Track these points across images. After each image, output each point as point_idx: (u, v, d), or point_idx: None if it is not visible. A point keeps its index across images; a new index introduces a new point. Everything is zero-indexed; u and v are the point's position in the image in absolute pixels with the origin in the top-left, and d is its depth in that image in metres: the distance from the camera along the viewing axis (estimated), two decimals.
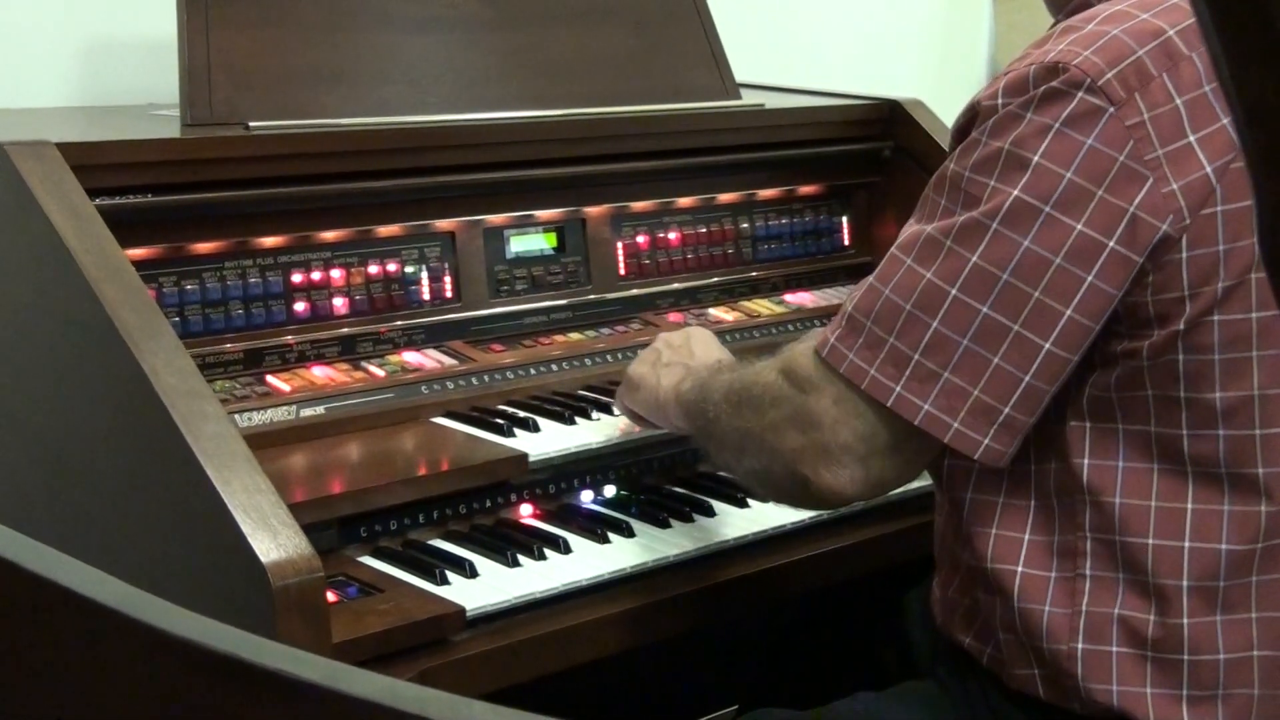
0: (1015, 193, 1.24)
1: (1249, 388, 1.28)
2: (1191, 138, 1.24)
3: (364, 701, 0.40)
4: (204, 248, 1.68)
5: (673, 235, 2.10)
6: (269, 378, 1.68)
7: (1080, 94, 1.23)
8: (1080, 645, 1.34)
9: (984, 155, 1.27)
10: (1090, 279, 1.23)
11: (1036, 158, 1.24)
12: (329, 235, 1.77)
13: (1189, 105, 1.25)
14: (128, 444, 1.42)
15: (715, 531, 1.64)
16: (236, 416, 1.55)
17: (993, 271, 1.24)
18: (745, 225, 2.17)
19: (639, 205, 2.06)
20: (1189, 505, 1.31)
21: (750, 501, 1.72)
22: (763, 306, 2.13)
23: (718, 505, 1.70)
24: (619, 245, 2.04)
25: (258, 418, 1.61)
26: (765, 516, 1.69)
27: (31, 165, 1.47)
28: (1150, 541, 1.31)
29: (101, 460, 1.46)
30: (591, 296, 2.00)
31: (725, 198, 2.15)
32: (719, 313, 2.09)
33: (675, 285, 2.08)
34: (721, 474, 1.81)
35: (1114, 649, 1.33)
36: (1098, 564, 1.34)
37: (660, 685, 2.01)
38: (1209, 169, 1.24)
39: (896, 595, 1.70)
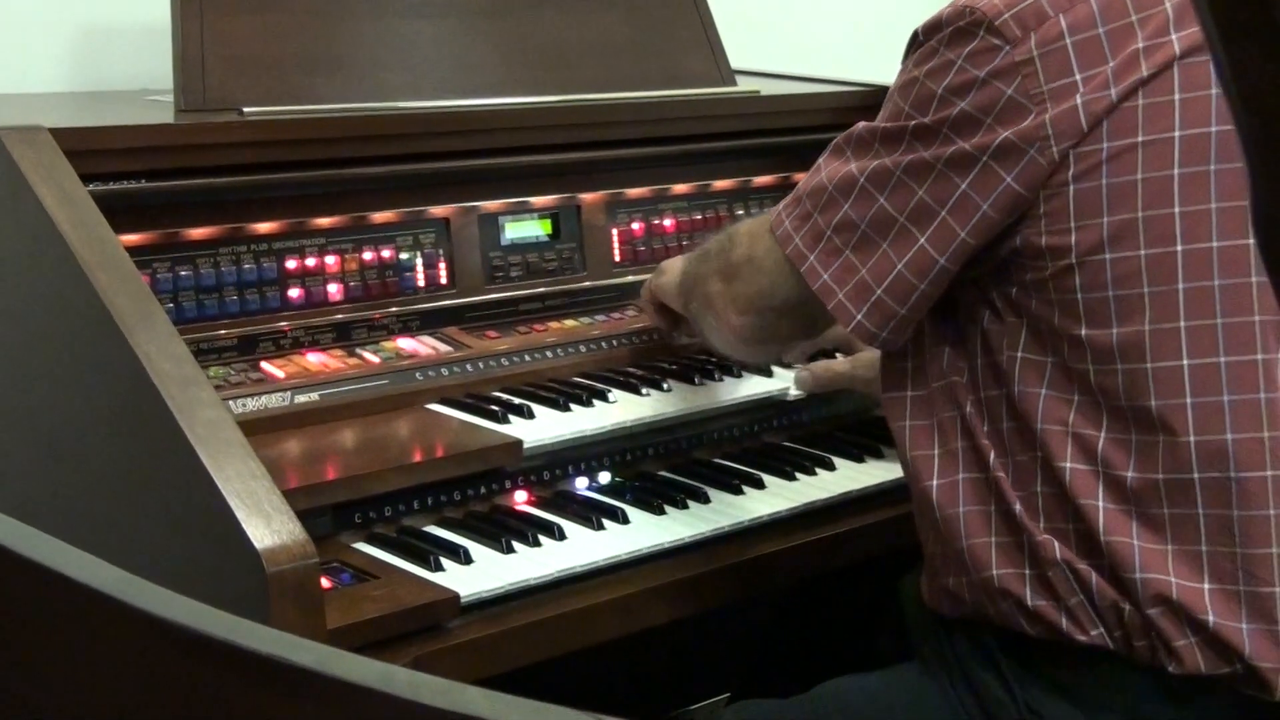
0: (923, 117, 1.41)
1: (1140, 323, 1.35)
2: (1077, 76, 1.34)
3: (358, 687, 0.40)
4: (198, 233, 1.67)
5: (668, 222, 2.09)
6: (263, 364, 1.68)
7: (980, 33, 1.38)
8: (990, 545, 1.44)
9: (905, 80, 1.45)
10: (963, 187, 1.38)
11: (939, 90, 1.40)
12: (323, 221, 1.77)
13: (1078, 45, 1.35)
14: (122, 430, 1.41)
15: (710, 518, 1.64)
16: (231, 403, 1.55)
17: (892, 170, 1.42)
18: (741, 212, 2.17)
19: (634, 192, 2.06)
20: (1101, 434, 1.38)
21: (745, 489, 1.72)
22: None
23: (712, 492, 1.70)
24: (614, 232, 2.04)
25: (252, 404, 1.61)
26: (760, 504, 1.69)
27: (25, 151, 1.46)
28: (1067, 465, 1.39)
29: (96, 447, 1.46)
30: (586, 283, 2.00)
31: (720, 184, 2.15)
32: None
33: None
34: (717, 461, 1.82)
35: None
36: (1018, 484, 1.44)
37: (654, 672, 2.01)
38: (1080, 102, 1.33)
39: (892, 581, 1.71)
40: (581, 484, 1.72)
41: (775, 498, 1.71)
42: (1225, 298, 1.34)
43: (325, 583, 1.36)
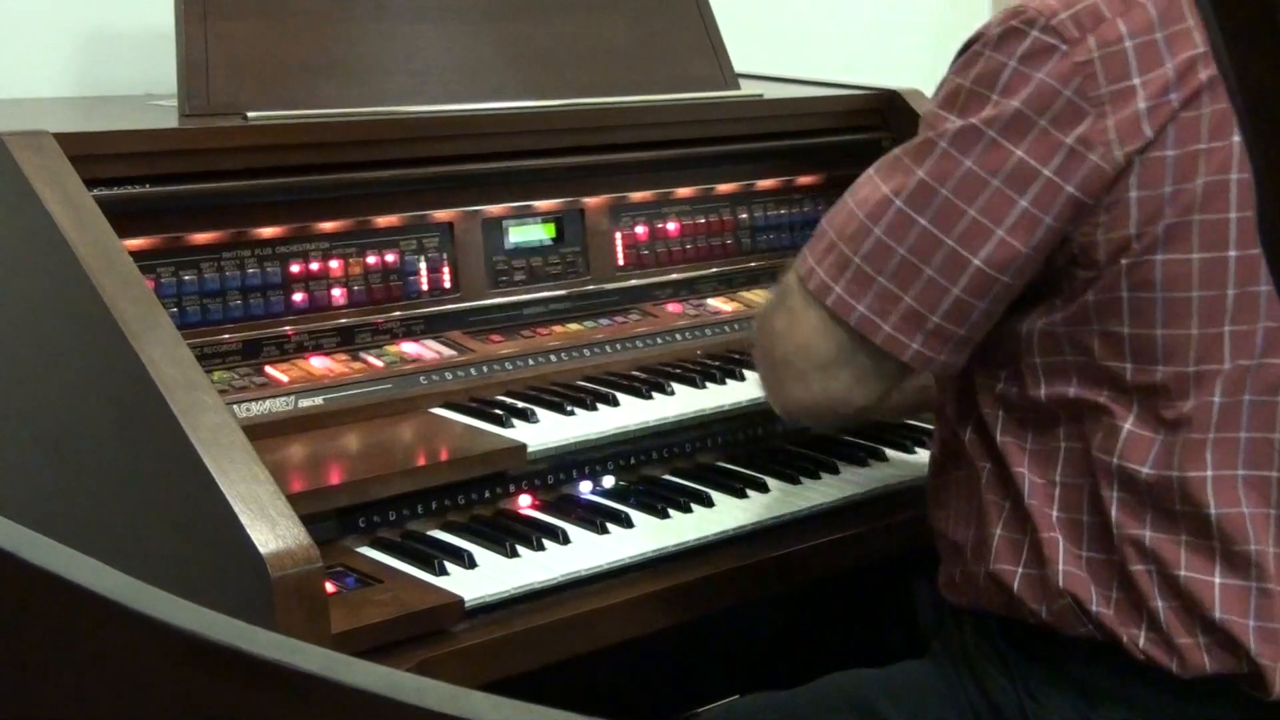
0: (969, 119, 1.33)
1: (1188, 327, 1.34)
2: (1136, 80, 1.30)
3: (363, 692, 0.40)
4: (202, 238, 1.68)
5: (671, 225, 2.09)
6: (267, 368, 1.68)
7: (1035, 32, 1.31)
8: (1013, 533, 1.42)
9: (948, 91, 1.37)
10: (1024, 203, 1.31)
11: (992, 93, 1.32)
12: (327, 226, 1.77)
13: (1138, 49, 1.31)
14: (126, 435, 1.42)
15: (714, 522, 1.64)
16: (235, 407, 1.55)
17: (934, 186, 1.33)
18: (744, 215, 2.17)
19: (638, 195, 2.06)
20: (1126, 426, 1.36)
21: (749, 492, 1.72)
22: (762, 297, 2.13)
23: (716, 496, 1.70)
24: (618, 236, 2.04)
25: (256, 408, 1.61)
26: (764, 507, 1.69)
27: (29, 156, 1.47)
28: (1094, 454, 1.38)
29: (100, 451, 1.46)
30: (590, 287, 2.00)
31: (724, 188, 2.15)
32: (718, 303, 2.09)
33: (674, 276, 2.08)
34: (720, 465, 1.82)
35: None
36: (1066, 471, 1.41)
37: (660, 675, 2.01)
38: (1142, 107, 1.30)
39: (901, 581, 1.71)
40: (585, 488, 1.72)
41: (779, 501, 1.71)
42: (1270, 303, 1.34)
43: (329, 587, 1.36)
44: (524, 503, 1.67)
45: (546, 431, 1.68)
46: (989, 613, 1.47)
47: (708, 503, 1.68)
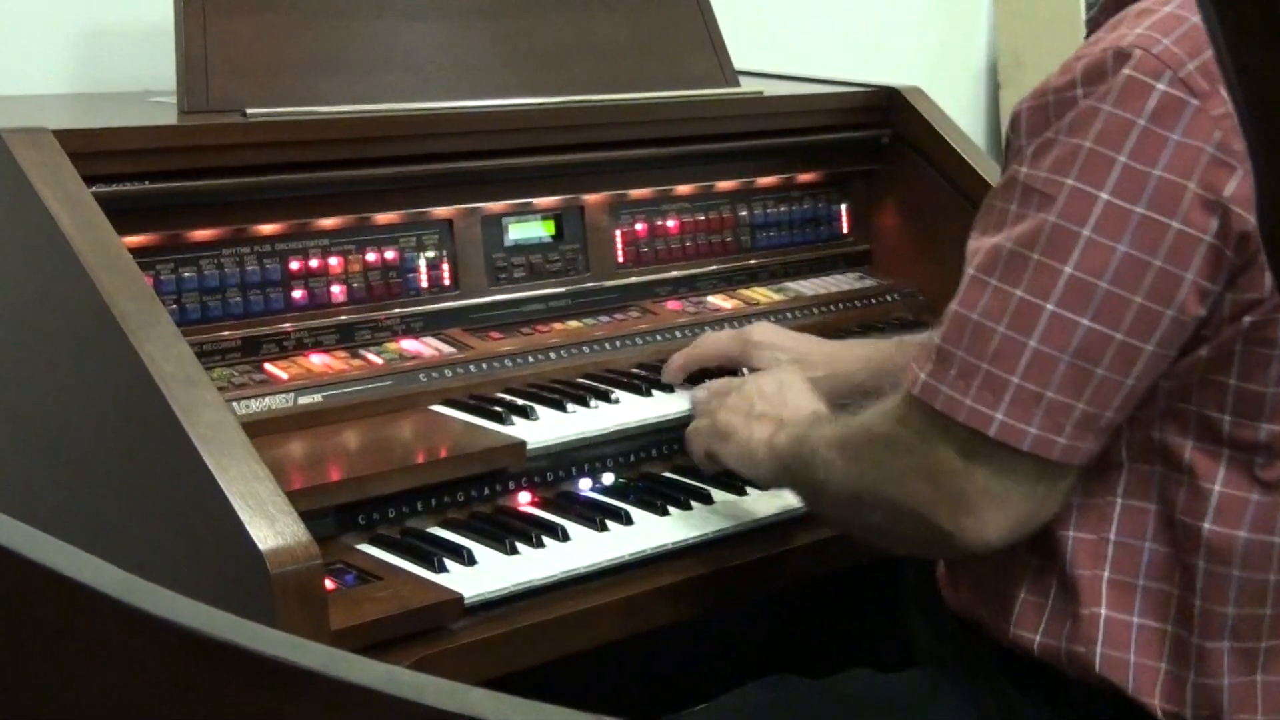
0: (1104, 195, 1.19)
1: None
2: None
3: (362, 689, 0.40)
4: (201, 235, 1.67)
5: (671, 223, 2.09)
6: (267, 365, 1.68)
7: (1163, 86, 1.18)
8: (1103, 610, 1.32)
9: (1062, 154, 1.21)
10: (1190, 276, 1.19)
11: (1123, 157, 1.19)
12: (327, 223, 1.77)
13: None
14: (125, 432, 1.41)
15: (714, 519, 1.64)
16: (234, 404, 1.55)
17: (1091, 282, 1.19)
18: (744, 213, 2.17)
19: (637, 193, 2.06)
20: (1216, 487, 1.27)
21: (749, 490, 1.71)
22: (761, 294, 2.13)
23: (716, 493, 1.70)
24: (617, 233, 2.04)
25: (255, 405, 1.61)
26: (763, 505, 1.69)
27: (28, 153, 1.47)
28: (1178, 517, 1.28)
29: (99, 448, 1.46)
30: (590, 284, 2.00)
31: (724, 185, 2.15)
32: (718, 300, 2.09)
33: (674, 273, 2.08)
34: None
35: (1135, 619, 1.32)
36: (1123, 529, 1.32)
37: (658, 673, 2.01)
38: None
39: (894, 579, 1.71)
40: (585, 485, 1.72)
41: (779, 499, 1.71)
42: None
43: (329, 584, 1.36)
44: (523, 500, 1.67)
45: (546, 429, 1.68)
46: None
47: (707, 500, 1.68)
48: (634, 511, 1.63)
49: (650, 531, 1.60)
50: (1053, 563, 1.34)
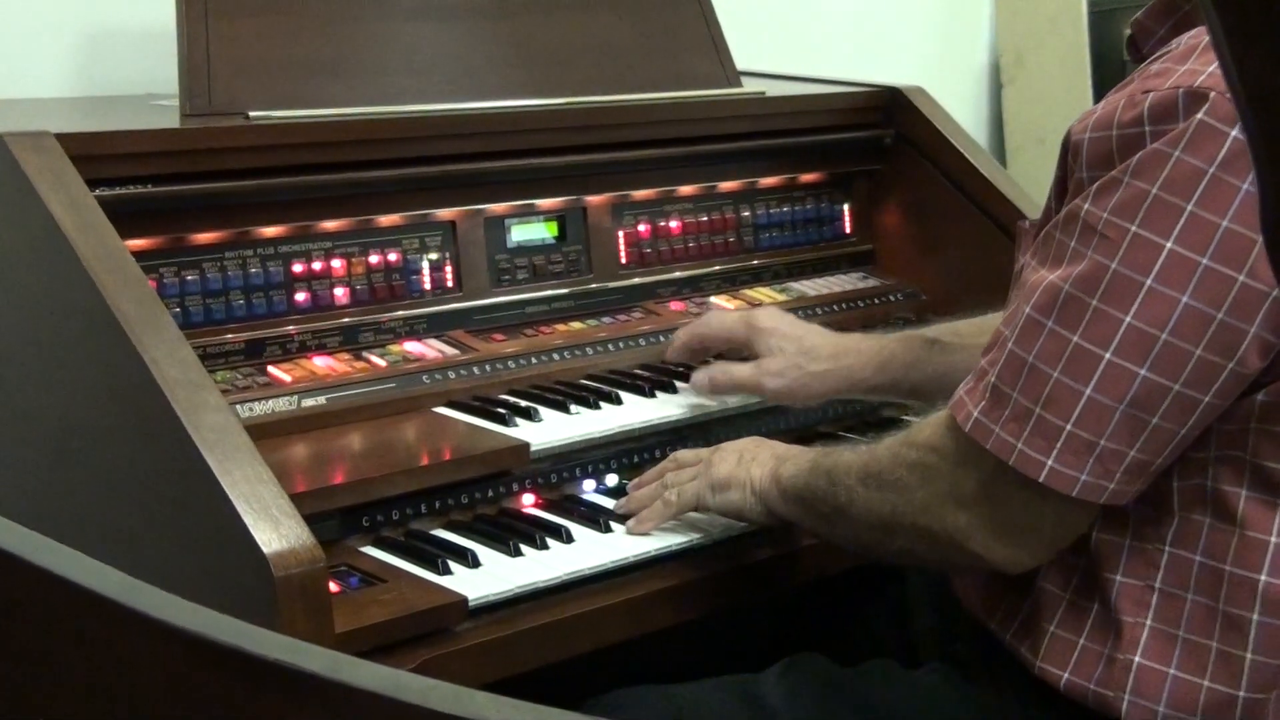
0: (1169, 245, 1.16)
1: None
2: None
3: (367, 692, 0.40)
4: (204, 238, 1.67)
5: (674, 224, 2.09)
6: (270, 368, 1.68)
7: (1236, 133, 1.14)
8: (1137, 659, 1.29)
9: (1126, 197, 1.18)
10: (1254, 330, 1.16)
11: (1190, 205, 1.15)
12: (330, 225, 1.77)
13: None
14: (129, 435, 1.42)
15: (719, 520, 1.64)
16: (238, 407, 1.55)
17: (1151, 333, 1.17)
18: (746, 213, 2.17)
19: (640, 194, 2.06)
20: (1272, 538, 1.24)
21: None
22: (764, 295, 2.13)
23: None
24: (620, 234, 2.03)
25: (259, 408, 1.61)
26: None
27: (31, 156, 1.47)
28: (1226, 568, 1.26)
29: (103, 451, 1.46)
30: (593, 285, 2.00)
31: (726, 186, 2.15)
32: (721, 301, 2.09)
33: (677, 274, 2.08)
34: None
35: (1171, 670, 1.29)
36: (1169, 578, 1.29)
37: (663, 675, 2.01)
38: None
39: (897, 583, 1.70)
40: (589, 486, 1.72)
41: None
42: None
43: (333, 587, 1.36)
44: (527, 501, 1.67)
45: (550, 430, 1.68)
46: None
47: None
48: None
49: (655, 533, 1.60)
50: (1093, 602, 1.32)
